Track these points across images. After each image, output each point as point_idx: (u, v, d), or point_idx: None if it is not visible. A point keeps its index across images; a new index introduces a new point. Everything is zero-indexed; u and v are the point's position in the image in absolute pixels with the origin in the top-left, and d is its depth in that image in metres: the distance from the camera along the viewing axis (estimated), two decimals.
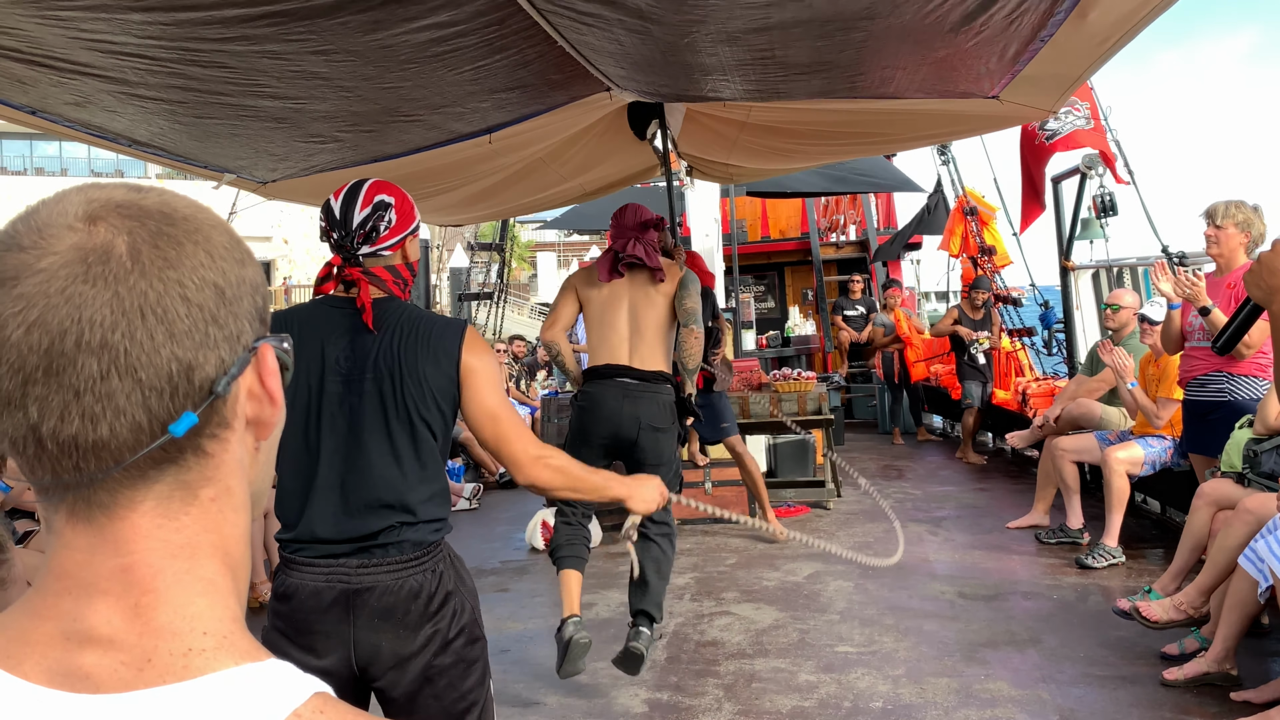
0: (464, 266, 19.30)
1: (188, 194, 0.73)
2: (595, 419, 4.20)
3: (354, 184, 2.32)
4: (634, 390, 4.18)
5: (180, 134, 4.28)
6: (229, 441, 0.69)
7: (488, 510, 8.63)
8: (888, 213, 16.11)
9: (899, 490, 8.27)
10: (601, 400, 4.19)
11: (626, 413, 4.16)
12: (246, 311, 0.69)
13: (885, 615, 5.03)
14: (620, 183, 8.45)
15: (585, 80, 4.84)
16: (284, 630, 2.18)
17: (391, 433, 2.22)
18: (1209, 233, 4.88)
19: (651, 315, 4.26)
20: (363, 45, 3.43)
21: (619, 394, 4.17)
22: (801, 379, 7.96)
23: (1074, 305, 9.19)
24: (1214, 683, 3.94)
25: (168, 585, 0.65)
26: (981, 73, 4.77)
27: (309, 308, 2.32)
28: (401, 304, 2.31)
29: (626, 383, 4.18)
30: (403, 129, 4.79)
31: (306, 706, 0.62)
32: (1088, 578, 5.50)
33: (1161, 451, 5.79)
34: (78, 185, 0.69)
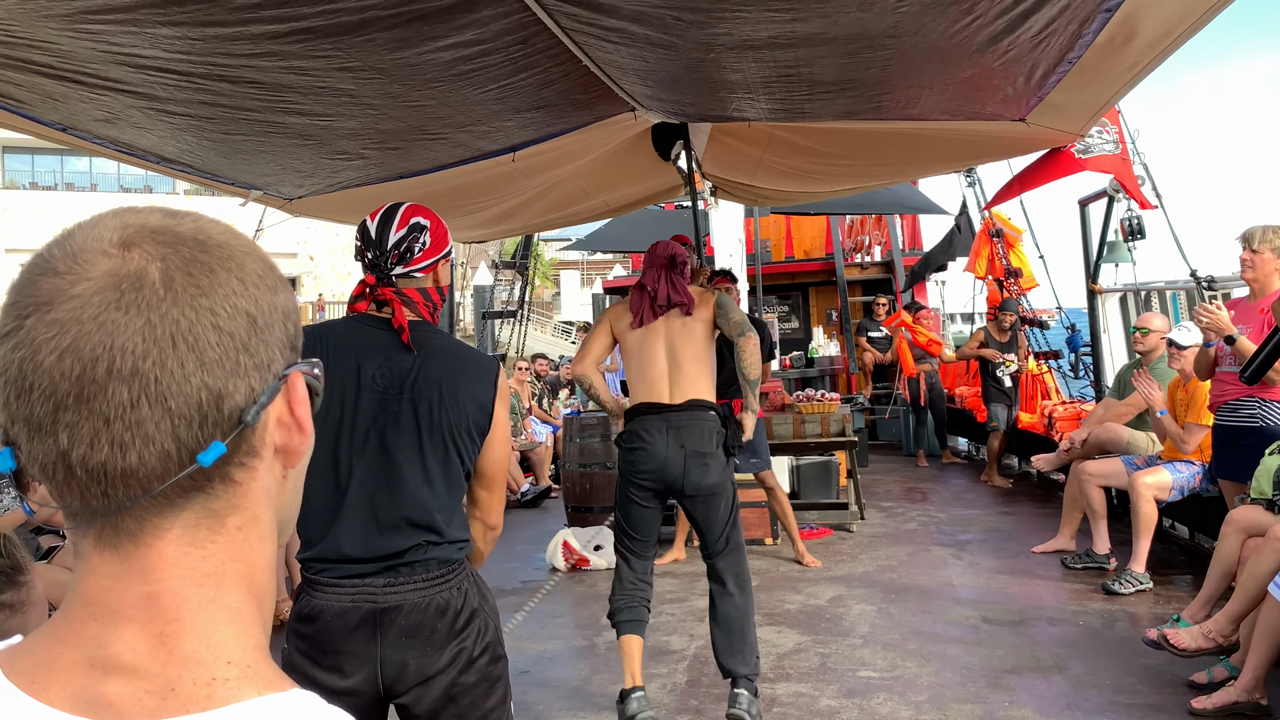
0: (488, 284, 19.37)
1: (215, 211, 0.73)
2: (643, 456, 4.06)
3: (390, 206, 2.35)
4: (675, 421, 4.06)
5: (208, 150, 4.31)
6: (257, 470, 0.69)
7: (508, 530, 8.56)
8: (913, 234, 16.05)
9: (923, 513, 8.20)
10: (646, 436, 4.06)
11: (672, 443, 4.03)
12: (278, 339, 0.69)
13: (908, 640, 4.97)
14: (643, 201, 8.47)
15: (610, 100, 4.85)
16: (307, 652, 2.17)
17: (424, 453, 2.22)
18: (1245, 257, 4.83)
19: (690, 346, 4.13)
20: (389, 63, 3.44)
21: (662, 426, 4.04)
22: (825, 400, 7.91)
23: (1101, 328, 9.10)
24: (1243, 712, 3.87)
25: (193, 614, 0.65)
26: (1009, 94, 4.75)
27: (344, 324, 2.34)
28: (437, 331, 2.34)
29: (669, 415, 4.06)
30: (428, 147, 4.81)
31: None
32: (1114, 604, 5.42)
33: (1190, 477, 5.71)
34: (113, 209, 0.69)
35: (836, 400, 7.99)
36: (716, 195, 8.80)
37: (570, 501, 7.89)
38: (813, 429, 7.72)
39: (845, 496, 7.93)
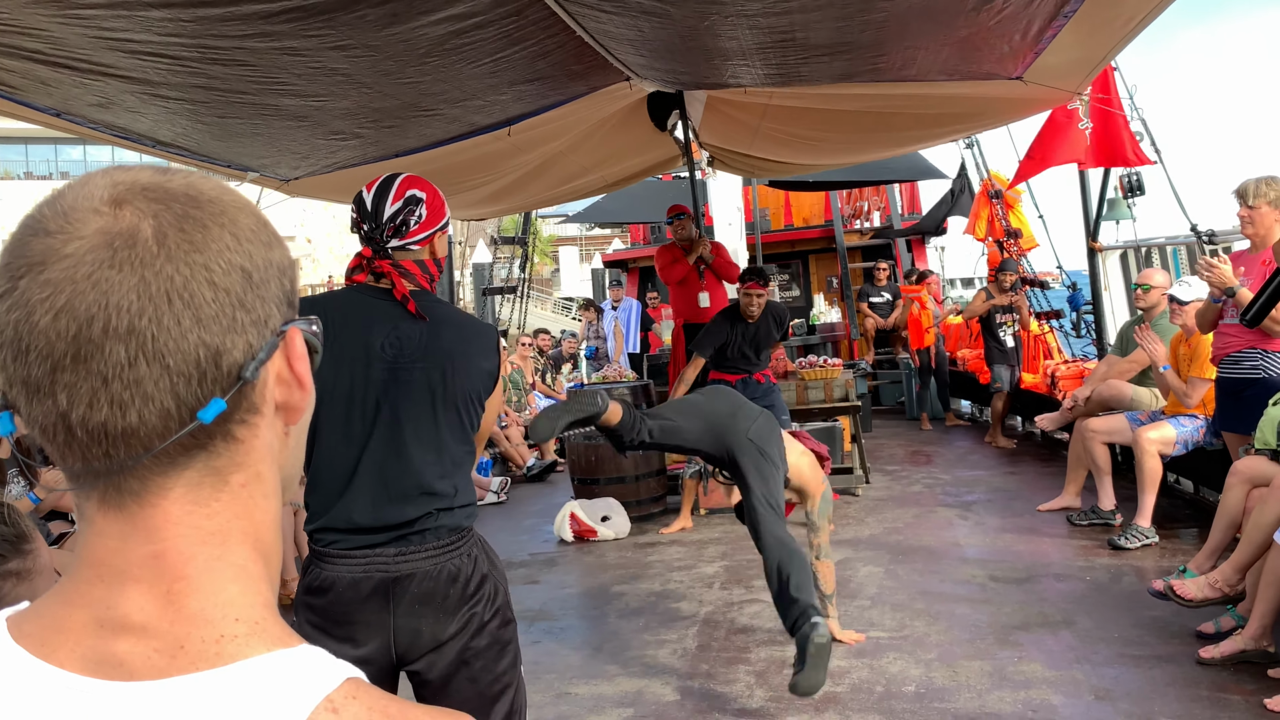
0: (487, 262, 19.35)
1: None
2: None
3: (387, 177, 2.34)
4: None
5: (203, 134, 4.31)
6: (259, 427, 0.69)
7: (516, 504, 8.66)
8: (911, 198, 16.00)
9: (928, 475, 8.23)
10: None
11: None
12: (274, 295, 0.68)
13: (916, 600, 5.00)
14: (641, 174, 8.46)
15: (604, 70, 4.84)
16: (318, 624, 2.19)
17: (437, 421, 2.24)
18: (1242, 213, 4.82)
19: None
20: (381, 40, 3.44)
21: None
22: (827, 366, 7.93)
23: (1102, 286, 9.10)
24: (1251, 660, 3.89)
25: (199, 572, 0.65)
26: (1005, 52, 4.73)
27: (345, 294, 2.33)
28: (436, 299, 2.35)
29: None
30: (423, 123, 4.80)
31: (339, 692, 0.62)
32: (1121, 559, 5.45)
33: (1194, 431, 5.73)
34: (103, 168, 0.68)
35: (839, 366, 8.00)
36: (714, 166, 8.78)
37: (576, 474, 7.93)
38: (816, 395, 7.74)
39: (850, 461, 7.96)
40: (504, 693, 2.25)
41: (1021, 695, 3.81)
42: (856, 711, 3.78)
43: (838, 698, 3.91)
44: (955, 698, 3.83)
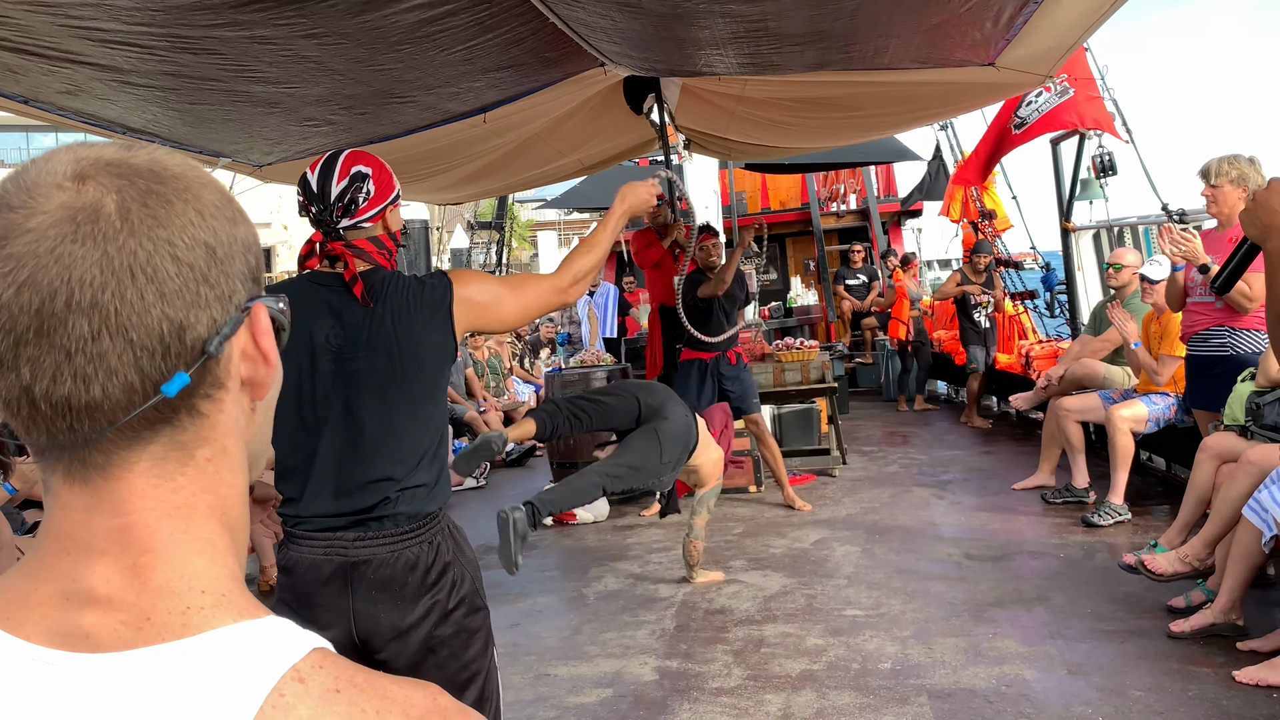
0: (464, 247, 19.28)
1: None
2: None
3: (330, 156, 2.27)
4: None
5: (174, 120, 4.29)
6: (224, 402, 0.69)
7: (495, 489, 8.67)
8: (887, 181, 16.06)
9: (904, 456, 8.30)
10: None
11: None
12: (239, 271, 0.69)
13: (893, 578, 5.06)
14: (618, 157, 8.44)
15: (579, 57, 4.83)
16: (289, 602, 2.21)
17: (388, 407, 2.22)
18: (1206, 192, 4.87)
19: None
20: (352, 27, 3.42)
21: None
22: (804, 348, 7.97)
23: (1075, 266, 9.17)
24: (1220, 633, 3.96)
25: (165, 545, 0.65)
26: (977, 39, 4.75)
27: (295, 283, 2.29)
28: (388, 273, 2.28)
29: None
30: (397, 110, 4.79)
31: (305, 661, 0.62)
32: (1094, 536, 5.53)
33: (1165, 408, 5.80)
34: (67, 144, 0.69)
35: (815, 348, 8.05)
36: (690, 149, 8.78)
37: (555, 459, 7.95)
38: (793, 377, 7.79)
39: (827, 442, 8.02)
40: (473, 680, 2.25)
41: (996, 671, 3.86)
42: (833, 689, 3.82)
43: (814, 675, 3.95)
44: (931, 674, 3.88)
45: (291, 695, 0.60)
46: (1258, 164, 4.79)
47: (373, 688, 0.63)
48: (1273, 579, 4.48)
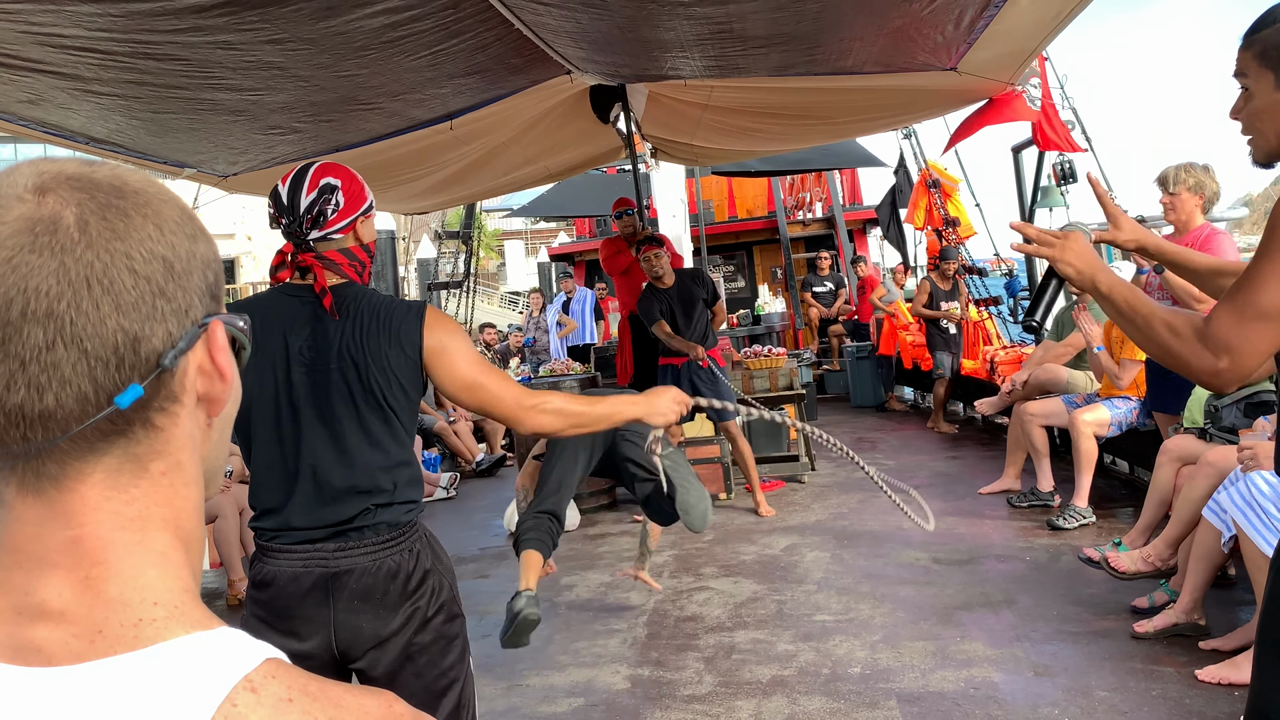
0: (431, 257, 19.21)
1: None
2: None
3: (300, 168, 2.28)
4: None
5: (137, 129, 4.25)
6: (179, 416, 0.69)
7: (465, 499, 8.64)
8: (853, 188, 16.19)
9: (872, 461, 8.28)
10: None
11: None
12: (196, 287, 0.69)
13: (861, 583, 5.08)
14: (585, 164, 8.46)
15: (545, 64, 4.84)
16: (263, 617, 2.19)
17: (363, 418, 2.21)
18: (1164, 200, 4.94)
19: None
20: (317, 33, 3.42)
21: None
22: (772, 355, 8.00)
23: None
24: (1183, 633, 4.01)
25: (118, 557, 0.65)
26: (938, 43, 4.81)
27: (267, 297, 2.29)
28: (361, 289, 2.28)
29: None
30: (362, 117, 4.78)
31: (258, 671, 0.62)
32: (1059, 538, 5.58)
33: (1127, 412, 5.87)
34: (30, 159, 0.69)
35: (783, 355, 8.08)
36: (657, 157, 8.81)
37: None
38: (761, 384, 7.82)
39: (796, 449, 8.05)
40: (451, 687, 2.25)
41: (964, 674, 3.89)
42: (803, 694, 3.84)
43: (785, 681, 3.96)
44: (900, 678, 3.90)
45: (244, 705, 0.60)
46: (1212, 172, 4.88)
47: (326, 696, 0.63)
48: (1233, 579, 4.54)
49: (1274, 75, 1.76)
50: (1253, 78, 1.80)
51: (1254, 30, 1.80)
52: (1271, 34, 1.76)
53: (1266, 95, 1.78)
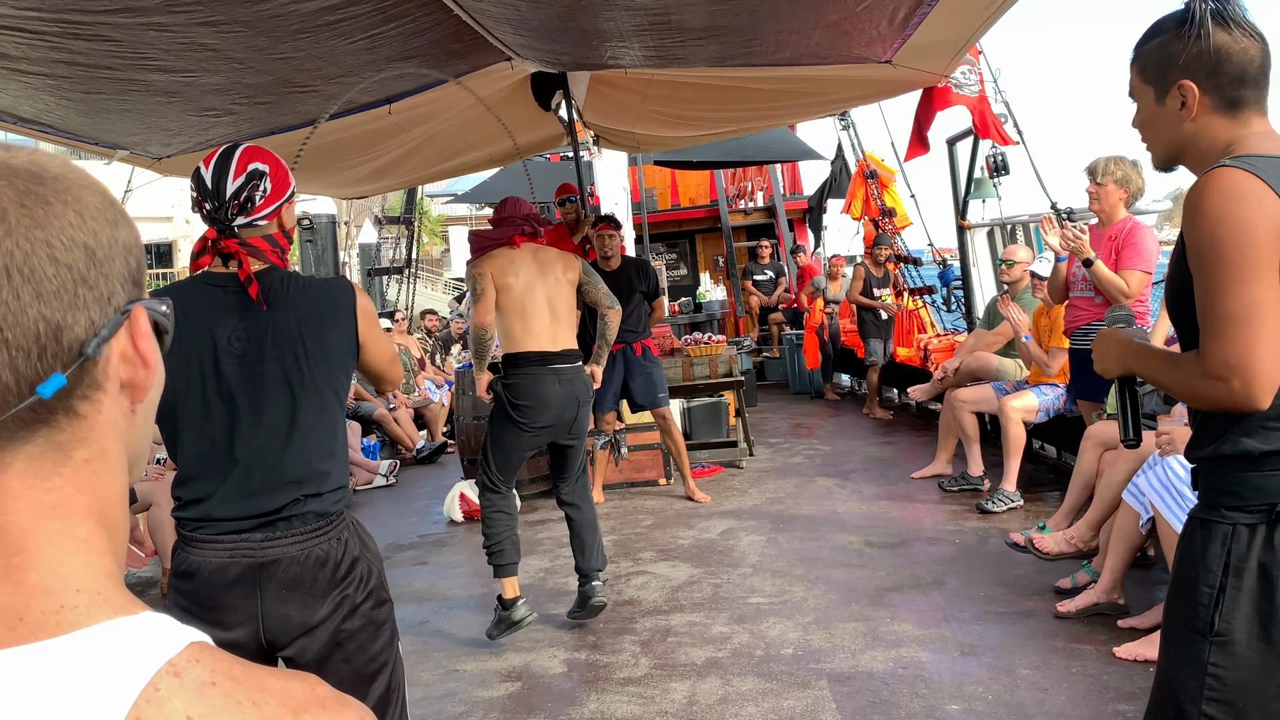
0: (373, 242, 19.04)
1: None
2: (538, 407, 4.39)
3: (225, 150, 2.24)
4: (566, 374, 4.44)
5: (68, 110, 4.18)
6: (102, 403, 0.69)
7: (405, 486, 8.61)
8: (793, 179, 16.31)
9: (809, 447, 8.47)
10: (540, 390, 4.39)
11: (565, 395, 4.41)
12: (119, 273, 0.68)
13: (796, 566, 5.18)
14: (528, 150, 8.44)
15: (485, 50, 4.84)
16: (187, 607, 2.17)
17: (298, 407, 2.21)
18: (1091, 189, 5.08)
19: (564, 302, 4.52)
20: (252, 15, 3.39)
21: (554, 379, 4.41)
22: (712, 343, 8.08)
23: (971, 262, 9.46)
24: (1103, 612, 4.15)
25: (40, 545, 0.64)
26: (874, 36, 4.88)
27: (188, 287, 2.26)
28: (284, 272, 2.27)
29: (559, 368, 4.42)
30: (299, 100, 4.74)
31: (181, 655, 0.62)
32: (988, 522, 5.73)
33: (1055, 399, 6.03)
34: None
35: (723, 342, 8.16)
36: (599, 144, 8.83)
37: (466, 455, 7.93)
38: (701, 371, 7.89)
39: (735, 435, 8.14)
40: (380, 672, 2.26)
41: (893, 654, 3.99)
42: (737, 675, 3.91)
43: (719, 662, 4.03)
44: (831, 658, 3.99)
45: (166, 689, 0.60)
46: (1140, 167, 5.01)
47: (249, 679, 0.63)
48: (1152, 559, 4.70)
49: (1154, 91, 1.86)
50: (1137, 93, 1.90)
51: (1139, 45, 1.89)
52: (1150, 50, 1.86)
53: (1149, 109, 1.88)
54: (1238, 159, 1.72)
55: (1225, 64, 1.76)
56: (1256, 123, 1.80)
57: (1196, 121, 1.81)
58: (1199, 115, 1.80)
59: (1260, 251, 1.65)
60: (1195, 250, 1.72)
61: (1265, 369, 1.66)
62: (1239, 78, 1.77)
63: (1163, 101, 1.84)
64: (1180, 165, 1.91)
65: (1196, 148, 1.83)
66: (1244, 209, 1.66)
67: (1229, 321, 1.67)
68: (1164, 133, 1.87)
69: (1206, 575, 1.76)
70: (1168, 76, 1.82)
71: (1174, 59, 1.80)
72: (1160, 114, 1.86)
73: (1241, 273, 1.65)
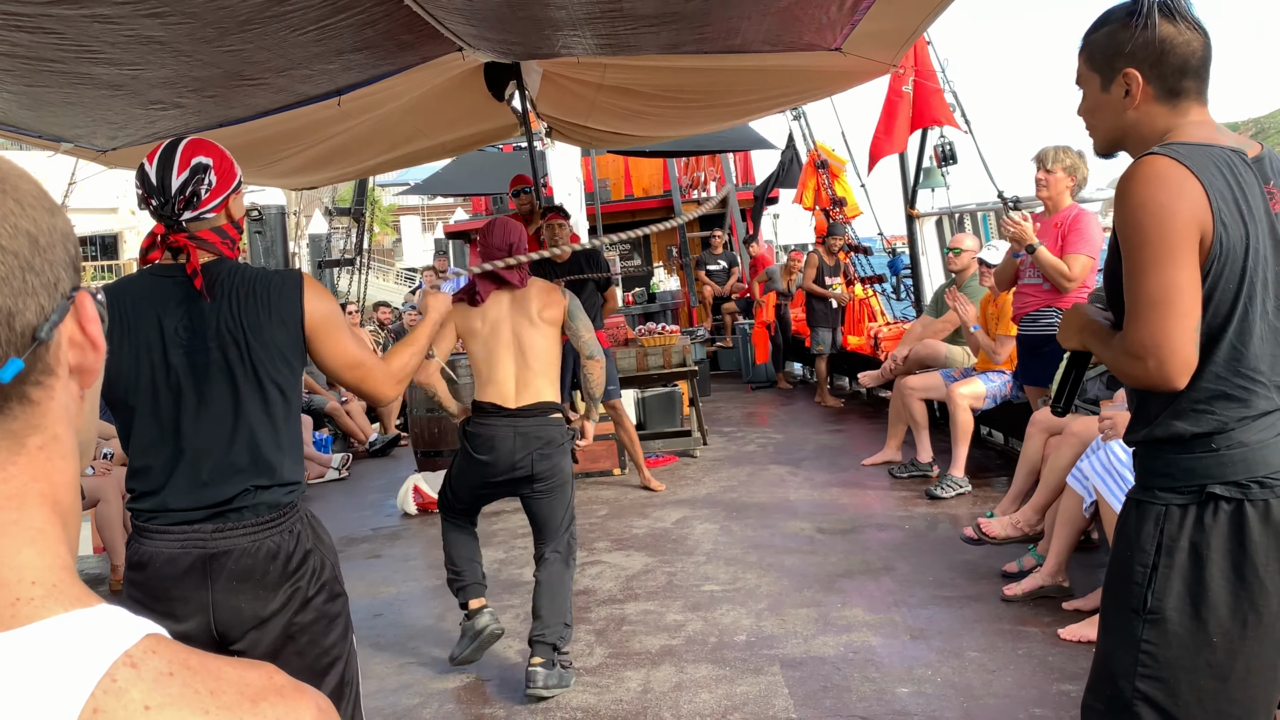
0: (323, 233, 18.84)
1: (22, 164, 0.73)
2: (490, 461, 3.92)
3: (168, 145, 2.24)
4: (524, 427, 3.89)
5: (9, 103, 4.11)
6: (54, 389, 0.69)
7: (358, 479, 8.56)
8: (745, 169, 16.41)
9: (761, 435, 8.54)
10: (493, 442, 3.90)
11: (519, 449, 3.88)
12: (61, 259, 0.69)
13: (749, 554, 5.23)
14: (480, 140, 8.41)
15: (436, 40, 4.81)
16: (140, 599, 2.18)
17: (241, 398, 2.21)
18: (1039, 176, 5.18)
19: (538, 344, 3.97)
20: (198, 7, 3.35)
21: (510, 434, 3.89)
22: (666, 333, 8.12)
23: (920, 251, 9.59)
24: (1049, 595, 4.25)
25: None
26: (824, 22, 4.93)
27: (139, 279, 2.26)
28: (233, 264, 2.27)
29: (517, 421, 3.91)
30: (247, 93, 4.69)
31: (138, 646, 0.62)
32: (937, 508, 5.82)
33: (1001, 385, 6.14)
34: None
35: (676, 332, 8.20)
36: (552, 136, 8.81)
37: (419, 447, 7.90)
38: (655, 361, 7.92)
39: (689, 424, 8.20)
40: (333, 665, 2.27)
41: (844, 639, 4.05)
42: (691, 662, 3.95)
43: (673, 650, 4.08)
44: (783, 644, 4.05)
45: (123, 680, 0.60)
46: (1085, 157, 5.13)
47: (206, 669, 0.63)
48: (1095, 542, 4.81)
49: (1100, 78, 1.92)
50: (1083, 80, 1.96)
51: (1088, 34, 1.95)
52: (1098, 39, 1.92)
53: (1095, 96, 1.94)
54: (1166, 146, 1.78)
55: (1169, 54, 1.82)
56: (1194, 112, 1.86)
57: (1139, 109, 1.87)
58: (1142, 103, 1.86)
59: (1178, 236, 1.72)
60: (1121, 234, 1.79)
61: (1179, 350, 1.73)
62: (1181, 68, 1.83)
63: (1108, 89, 1.90)
64: (1122, 151, 1.98)
65: (1138, 134, 1.89)
66: (1165, 195, 1.72)
67: (1148, 303, 1.75)
68: (1107, 119, 1.93)
69: (1140, 555, 1.82)
70: (1114, 64, 1.88)
71: (1120, 48, 1.86)
72: (1105, 101, 1.92)
73: (1160, 256, 1.72)
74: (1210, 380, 1.78)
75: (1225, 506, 1.76)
